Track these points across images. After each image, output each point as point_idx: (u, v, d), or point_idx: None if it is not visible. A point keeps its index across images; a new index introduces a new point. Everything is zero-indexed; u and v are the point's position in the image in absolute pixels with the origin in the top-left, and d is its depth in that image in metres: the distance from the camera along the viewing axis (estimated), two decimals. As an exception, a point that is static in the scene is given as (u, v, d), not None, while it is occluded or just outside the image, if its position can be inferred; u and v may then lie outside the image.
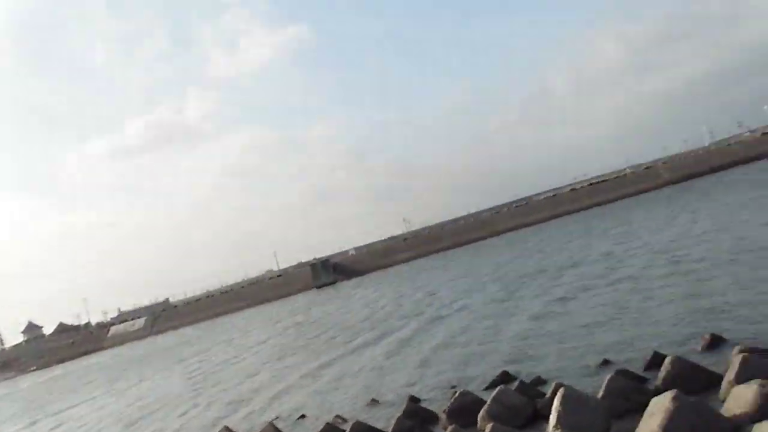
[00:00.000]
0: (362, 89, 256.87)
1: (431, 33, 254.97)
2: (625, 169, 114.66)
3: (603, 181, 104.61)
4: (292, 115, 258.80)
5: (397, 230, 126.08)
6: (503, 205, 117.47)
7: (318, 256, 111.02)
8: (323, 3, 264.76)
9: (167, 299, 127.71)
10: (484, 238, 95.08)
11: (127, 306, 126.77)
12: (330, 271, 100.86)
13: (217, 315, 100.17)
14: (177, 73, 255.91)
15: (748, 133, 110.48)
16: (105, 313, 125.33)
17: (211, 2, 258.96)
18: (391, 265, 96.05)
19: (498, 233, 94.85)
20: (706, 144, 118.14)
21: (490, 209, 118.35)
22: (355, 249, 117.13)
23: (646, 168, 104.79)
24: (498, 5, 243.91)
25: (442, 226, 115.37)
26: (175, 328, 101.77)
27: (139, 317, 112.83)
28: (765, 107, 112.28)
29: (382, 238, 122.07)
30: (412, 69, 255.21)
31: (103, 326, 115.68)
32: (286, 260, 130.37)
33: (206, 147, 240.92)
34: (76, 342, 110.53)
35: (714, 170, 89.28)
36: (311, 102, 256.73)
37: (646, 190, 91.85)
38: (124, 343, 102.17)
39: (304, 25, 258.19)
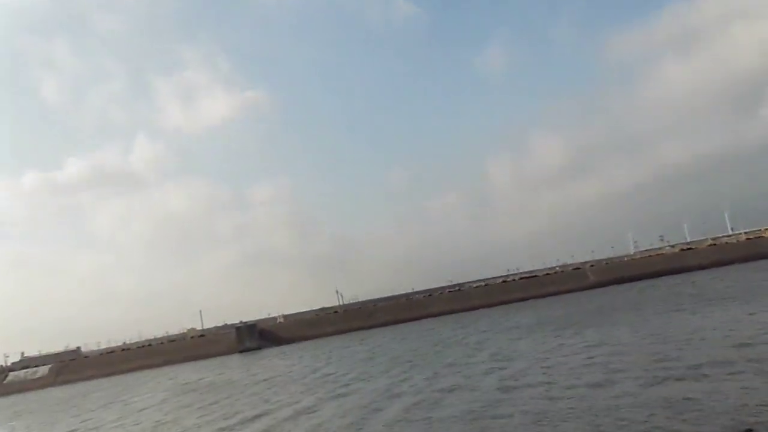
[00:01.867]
0: (311, 158, 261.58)
1: (383, 114, 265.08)
2: (555, 267, 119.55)
3: (534, 276, 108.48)
4: (238, 175, 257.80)
5: (330, 302, 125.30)
6: (437, 289, 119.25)
7: (245, 319, 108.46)
8: (284, 72, 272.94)
9: (78, 348, 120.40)
10: (415, 319, 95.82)
11: (33, 351, 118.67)
12: (255, 337, 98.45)
13: (131, 370, 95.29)
14: (127, 118, 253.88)
15: (668, 247, 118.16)
16: (6, 357, 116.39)
17: (174, 56, 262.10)
18: (318, 336, 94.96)
19: (429, 316, 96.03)
20: (632, 252, 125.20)
21: (424, 291, 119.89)
22: (284, 316, 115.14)
23: (575, 269, 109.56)
24: (449, 93, 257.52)
25: (375, 303, 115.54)
26: (83, 379, 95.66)
27: (44, 364, 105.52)
28: (726, 213, 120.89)
29: (313, 308, 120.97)
30: (361, 145, 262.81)
31: (1, 371, 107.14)
32: (212, 320, 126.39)
33: (146, 194, 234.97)
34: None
35: (635, 278, 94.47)
36: (259, 164, 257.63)
37: (573, 290, 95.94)
38: (23, 391, 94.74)
39: (262, 90, 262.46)
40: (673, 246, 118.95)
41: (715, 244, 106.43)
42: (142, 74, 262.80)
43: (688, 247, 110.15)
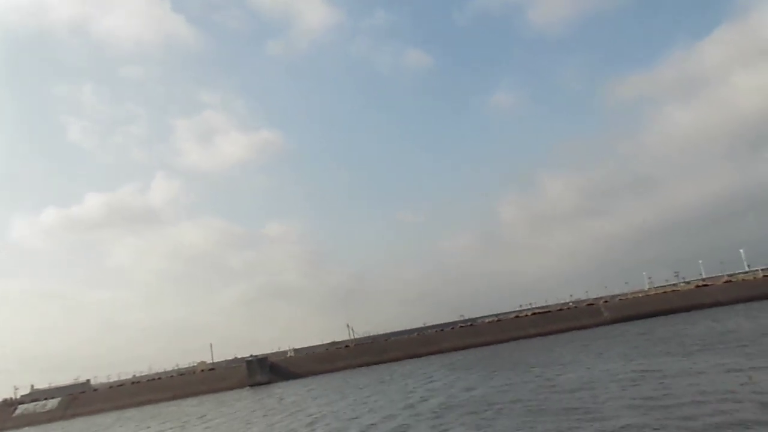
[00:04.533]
0: (323, 197, 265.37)
1: (393, 156, 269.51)
2: (568, 303, 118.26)
3: (547, 312, 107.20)
4: (252, 212, 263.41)
5: (341, 336, 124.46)
6: (449, 324, 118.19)
7: (255, 352, 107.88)
8: (295, 115, 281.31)
9: (88, 380, 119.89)
10: (427, 354, 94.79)
11: (43, 384, 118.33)
12: (266, 371, 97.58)
13: (140, 404, 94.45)
14: (147, 158, 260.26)
15: (683, 284, 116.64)
16: (16, 389, 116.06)
17: (192, 100, 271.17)
18: (329, 371, 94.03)
19: (441, 351, 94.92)
20: (646, 288, 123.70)
21: (436, 326, 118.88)
22: (295, 350, 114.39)
23: (589, 305, 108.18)
24: (458, 136, 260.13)
25: (386, 338, 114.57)
26: (92, 413, 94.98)
27: (53, 397, 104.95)
28: (741, 250, 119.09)
29: (324, 342, 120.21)
30: (372, 184, 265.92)
31: (10, 404, 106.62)
32: (222, 353, 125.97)
33: (162, 231, 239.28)
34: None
35: (650, 315, 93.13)
36: (272, 202, 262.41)
37: (586, 326, 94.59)
38: (32, 424, 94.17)
39: (275, 132, 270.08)
40: (688, 282, 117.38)
41: (731, 281, 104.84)
42: (162, 117, 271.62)
43: (704, 283, 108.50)
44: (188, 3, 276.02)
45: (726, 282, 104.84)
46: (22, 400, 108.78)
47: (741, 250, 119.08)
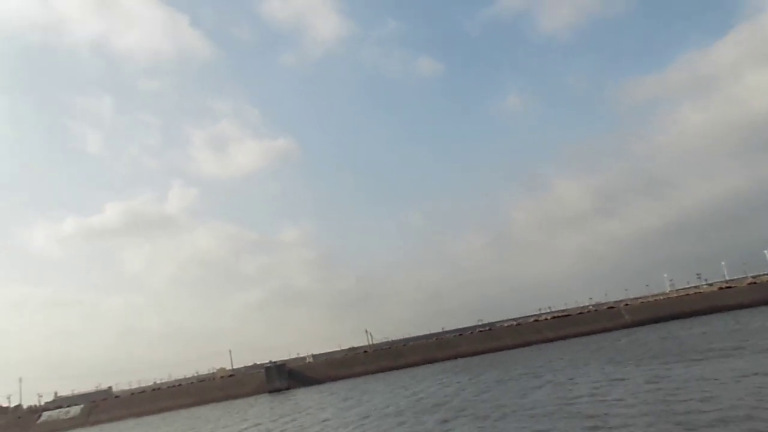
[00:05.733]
0: (335, 202, 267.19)
1: (405, 160, 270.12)
2: (588, 306, 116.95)
3: (566, 315, 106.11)
4: (265, 218, 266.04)
5: (359, 341, 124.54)
6: (468, 328, 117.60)
7: (274, 359, 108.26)
8: (308, 122, 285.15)
9: (110, 387, 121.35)
10: (444, 359, 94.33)
11: (66, 391, 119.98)
12: (285, 377, 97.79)
13: (162, 410, 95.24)
14: (163, 167, 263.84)
15: (706, 285, 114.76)
16: (40, 396, 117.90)
17: (207, 110, 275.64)
18: (348, 377, 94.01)
19: (459, 356, 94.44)
20: (667, 290, 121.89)
21: (455, 331, 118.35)
22: (314, 356, 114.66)
23: (609, 308, 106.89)
24: (468, 139, 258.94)
25: (404, 343, 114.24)
26: (114, 419, 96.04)
27: (76, 404, 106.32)
28: (765, 251, 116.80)
29: (342, 348, 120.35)
30: (384, 189, 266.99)
31: (35, 411, 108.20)
32: (241, 360, 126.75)
33: (178, 238, 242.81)
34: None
35: (672, 317, 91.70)
36: (287, 209, 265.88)
37: (607, 330, 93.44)
38: (55, 431, 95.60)
39: (287, 139, 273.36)
40: (711, 284, 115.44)
41: (755, 282, 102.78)
42: (178, 126, 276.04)
43: (727, 285, 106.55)
44: (205, 17, 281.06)
45: (750, 284, 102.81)
46: (46, 407, 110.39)
47: (766, 251, 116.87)
